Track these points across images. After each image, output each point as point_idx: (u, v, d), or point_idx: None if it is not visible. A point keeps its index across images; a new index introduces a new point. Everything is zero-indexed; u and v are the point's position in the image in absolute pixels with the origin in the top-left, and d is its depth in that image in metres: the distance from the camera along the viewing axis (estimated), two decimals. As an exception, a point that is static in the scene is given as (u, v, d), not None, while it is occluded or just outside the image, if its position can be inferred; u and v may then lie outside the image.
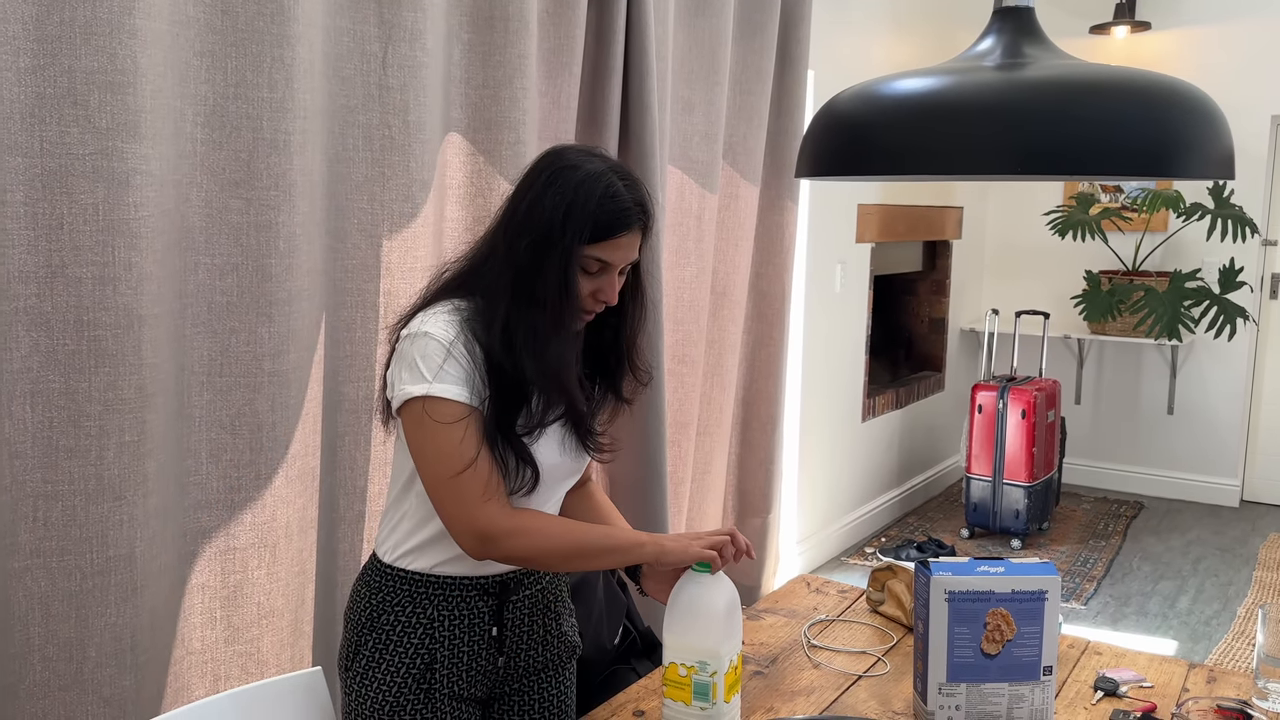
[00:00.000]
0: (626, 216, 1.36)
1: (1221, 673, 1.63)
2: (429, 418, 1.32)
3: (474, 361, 1.35)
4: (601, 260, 1.36)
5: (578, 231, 1.34)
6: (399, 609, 1.42)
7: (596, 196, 1.35)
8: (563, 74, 2.49)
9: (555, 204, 1.35)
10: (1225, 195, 4.76)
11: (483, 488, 1.32)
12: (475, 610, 1.44)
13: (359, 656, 1.43)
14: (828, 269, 4.14)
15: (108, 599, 1.72)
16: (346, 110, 2.05)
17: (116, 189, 1.64)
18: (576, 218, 1.34)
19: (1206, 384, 5.24)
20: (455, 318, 1.37)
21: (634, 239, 1.38)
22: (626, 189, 1.38)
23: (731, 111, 3.21)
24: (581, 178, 1.36)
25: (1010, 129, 1.02)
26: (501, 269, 1.37)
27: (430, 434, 1.32)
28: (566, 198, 1.35)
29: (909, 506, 5.11)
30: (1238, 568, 4.37)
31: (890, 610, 1.81)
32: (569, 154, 1.41)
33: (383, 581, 1.44)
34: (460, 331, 1.36)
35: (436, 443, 1.32)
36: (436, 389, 1.32)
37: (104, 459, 1.69)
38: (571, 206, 1.34)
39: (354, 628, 1.46)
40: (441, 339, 1.34)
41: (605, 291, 1.38)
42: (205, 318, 1.86)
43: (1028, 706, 1.42)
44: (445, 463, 1.31)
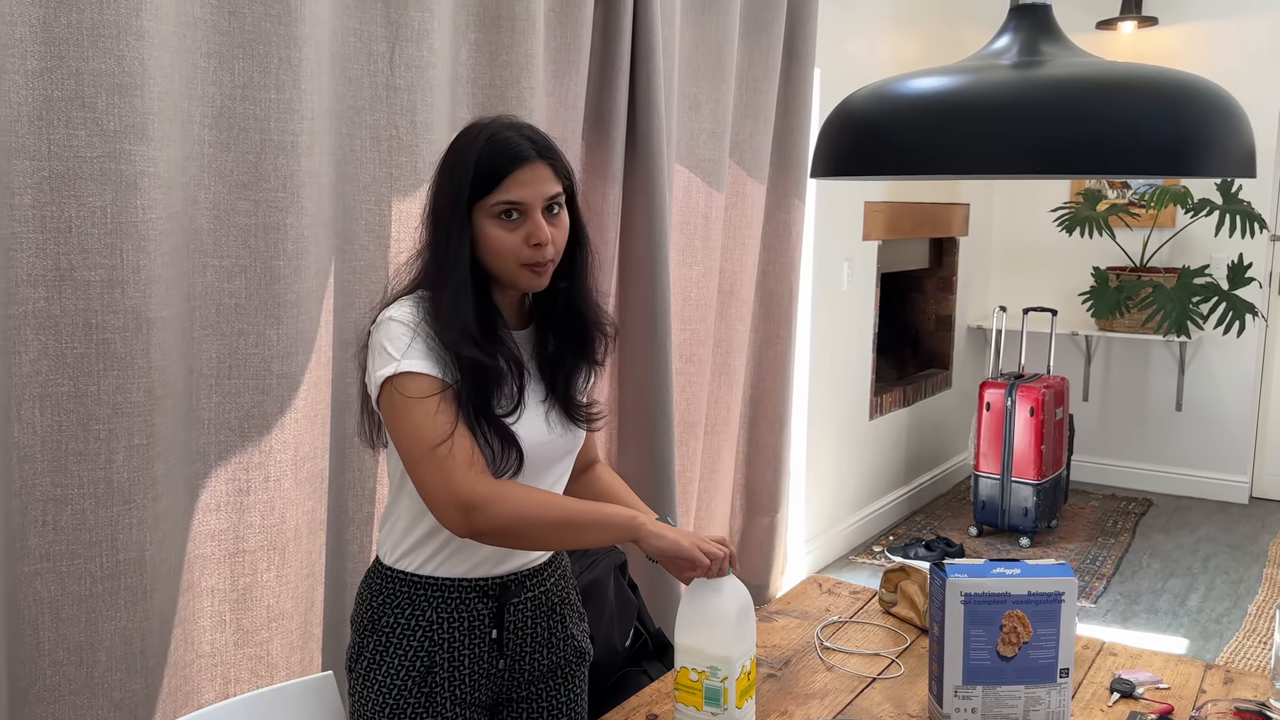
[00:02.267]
0: (513, 150, 1.33)
1: (1238, 673, 1.62)
2: (400, 394, 1.31)
3: (441, 344, 1.34)
4: (509, 202, 1.33)
5: (464, 186, 1.33)
6: (398, 611, 1.42)
7: (477, 147, 1.33)
8: (570, 73, 2.48)
9: (442, 172, 1.36)
10: (1234, 191, 4.74)
11: (462, 458, 1.29)
12: (475, 613, 1.42)
13: (361, 658, 1.43)
14: (835, 267, 4.13)
15: (117, 603, 1.71)
16: (354, 111, 2.04)
17: (125, 191, 1.64)
18: (460, 172, 1.33)
19: (1215, 380, 5.22)
20: (416, 306, 1.36)
21: (537, 171, 1.34)
22: (511, 130, 1.35)
23: (738, 110, 3.20)
24: (463, 139, 1.36)
25: (1029, 128, 1.01)
26: (425, 253, 1.39)
27: (405, 411, 1.30)
28: (450, 160, 1.36)
29: (917, 504, 5.10)
30: (1248, 565, 4.35)
31: (903, 611, 1.80)
32: (460, 131, 1.40)
33: (383, 584, 1.44)
34: (424, 318, 1.35)
35: (413, 418, 1.30)
36: (405, 365, 1.31)
37: (113, 462, 1.68)
38: (455, 167, 1.34)
39: (357, 630, 1.45)
40: (406, 320, 1.34)
41: (534, 233, 1.34)
42: (214, 320, 1.85)
43: (1044, 709, 1.41)
44: (421, 437, 1.29)
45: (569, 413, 1.45)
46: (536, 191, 1.34)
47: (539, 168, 1.34)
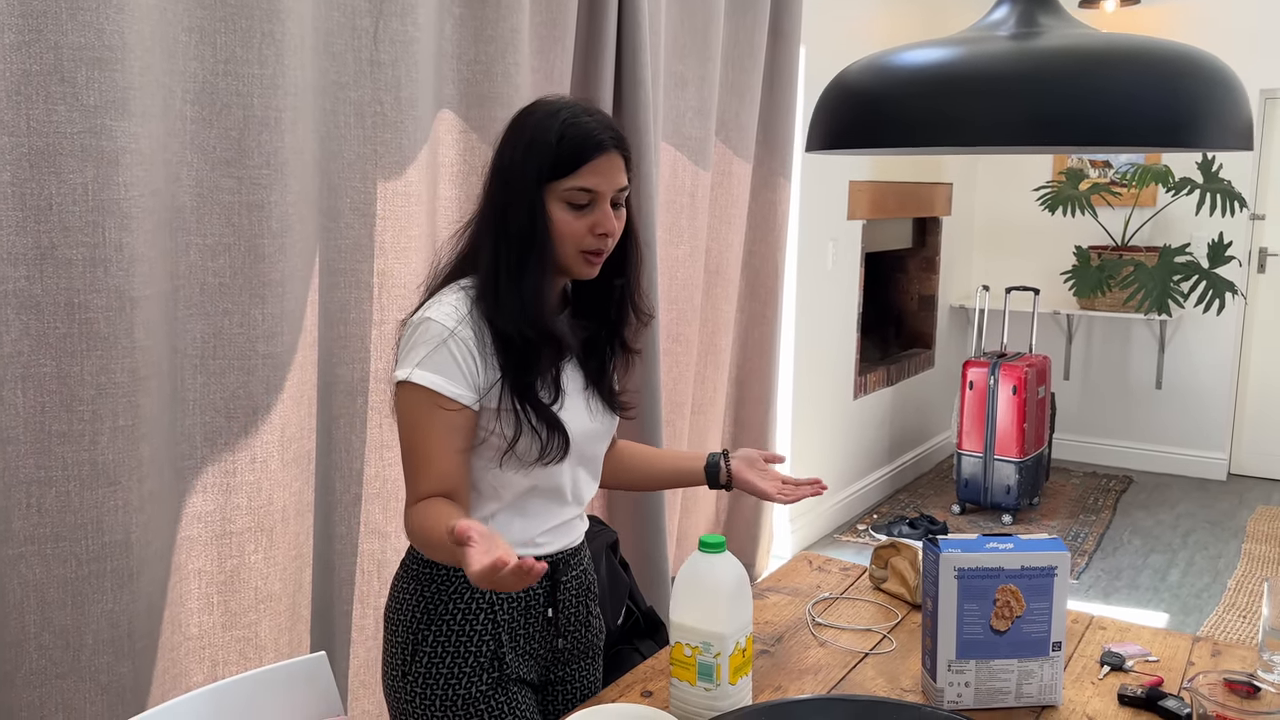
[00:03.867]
0: (594, 138, 1.31)
1: (1225, 646, 1.63)
2: (407, 401, 1.32)
3: (481, 343, 1.32)
4: (585, 189, 1.31)
5: (541, 166, 1.30)
6: (457, 598, 1.39)
7: (556, 127, 1.31)
8: (555, 48, 2.45)
9: (515, 146, 1.33)
10: (1214, 170, 4.76)
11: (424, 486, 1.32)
12: (531, 593, 1.44)
13: (419, 656, 1.39)
14: (820, 246, 4.13)
15: (104, 585, 1.70)
16: (338, 86, 2.01)
17: (106, 168, 1.61)
18: (538, 152, 1.30)
19: (1194, 358, 5.26)
20: (463, 297, 1.34)
21: (612, 162, 1.33)
22: (589, 115, 1.34)
23: (724, 87, 3.18)
24: (539, 116, 1.33)
25: (1029, 100, 1.00)
26: (484, 232, 1.36)
27: (407, 421, 1.32)
28: (525, 137, 1.32)
29: (900, 483, 5.13)
30: (1226, 540, 4.40)
31: (894, 587, 1.80)
32: (531, 103, 1.38)
33: (434, 573, 1.40)
34: (470, 311, 1.33)
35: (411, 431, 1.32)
36: (418, 375, 1.30)
37: (98, 444, 1.66)
38: (531, 144, 1.31)
39: (408, 628, 1.41)
40: (444, 322, 1.31)
41: (602, 223, 1.33)
42: (198, 299, 1.82)
43: (1037, 682, 1.41)
44: (411, 451, 1.33)
45: (608, 400, 1.45)
46: (610, 181, 1.33)
47: (615, 158, 1.33)
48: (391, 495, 2.19)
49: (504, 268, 1.32)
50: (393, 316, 2.13)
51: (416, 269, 2.15)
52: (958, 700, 1.40)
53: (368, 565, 2.18)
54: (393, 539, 2.20)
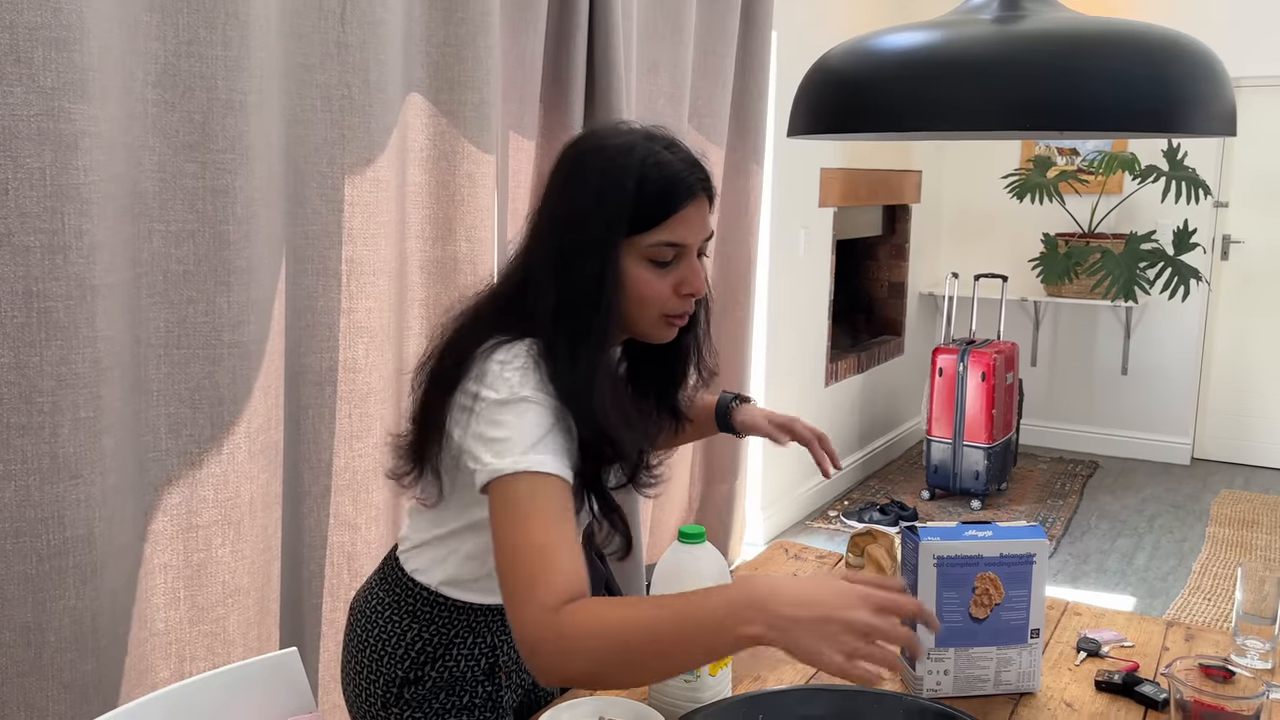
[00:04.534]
0: (685, 183, 1.12)
1: (1198, 630, 1.64)
2: (523, 494, 1.06)
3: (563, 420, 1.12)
4: (672, 244, 1.12)
5: (620, 216, 1.10)
6: (460, 640, 1.34)
7: (637, 169, 1.10)
8: (527, 32, 2.42)
9: (584, 189, 1.11)
10: (1179, 158, 4.81)
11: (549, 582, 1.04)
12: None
13: (411, 690, 1.33)
14: (791, 234, 4.12)
15: (66, 581, 1.65)
16: (304, 69, 1.97)
17: (64, 152, 1.56)
18: (614, 199, 1.10)
19: (1160, 344, 5.32)
20: (531, 365, 1.12)
21: (701, 208, 1.14)
22: (670, 150, 1.13)
23: (697, 73, 3.16)
24: (611, 153, 1.12)
25: (1014, 84, 0.99)
26: (541, 292, 1.13)
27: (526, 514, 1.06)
28: (594, 179, 1.11)
29: (871, 469, 5.15)
30: (1191, 524, 4.46)
31: (869, 575, 1.80)
32: (592, 135, 1.17)
33: (435, 613, 1.33)
34: (544, 385, 1.12)
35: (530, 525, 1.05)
36: (544, 462, 1.07)
37: (58, 436, 1.61)
38: (606, 188, 1.10)
39: (400, 663, 1.33)
40: (543, 404, 1.10)
41: (690, 281, 1.14)
42: (161, 287, 1.78)
43: (1015, 669, 1.41)
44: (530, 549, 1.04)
45: (637, 477, 1.23)
46: (698, 232, 1.14)
47: (703, 204, 1.14)
48: (361, 487, 2.15)
49: (570, 336, 1.12)
50: (362, 304, 2.09)
51: (385, 256, 2.11)
52: (937, 688, 1.40)
53: (337, 558, 2.15)
54: (362, 531, 2.16)
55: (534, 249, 1.17)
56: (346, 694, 1.41)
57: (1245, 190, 5.12)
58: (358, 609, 1.41)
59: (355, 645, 1.39)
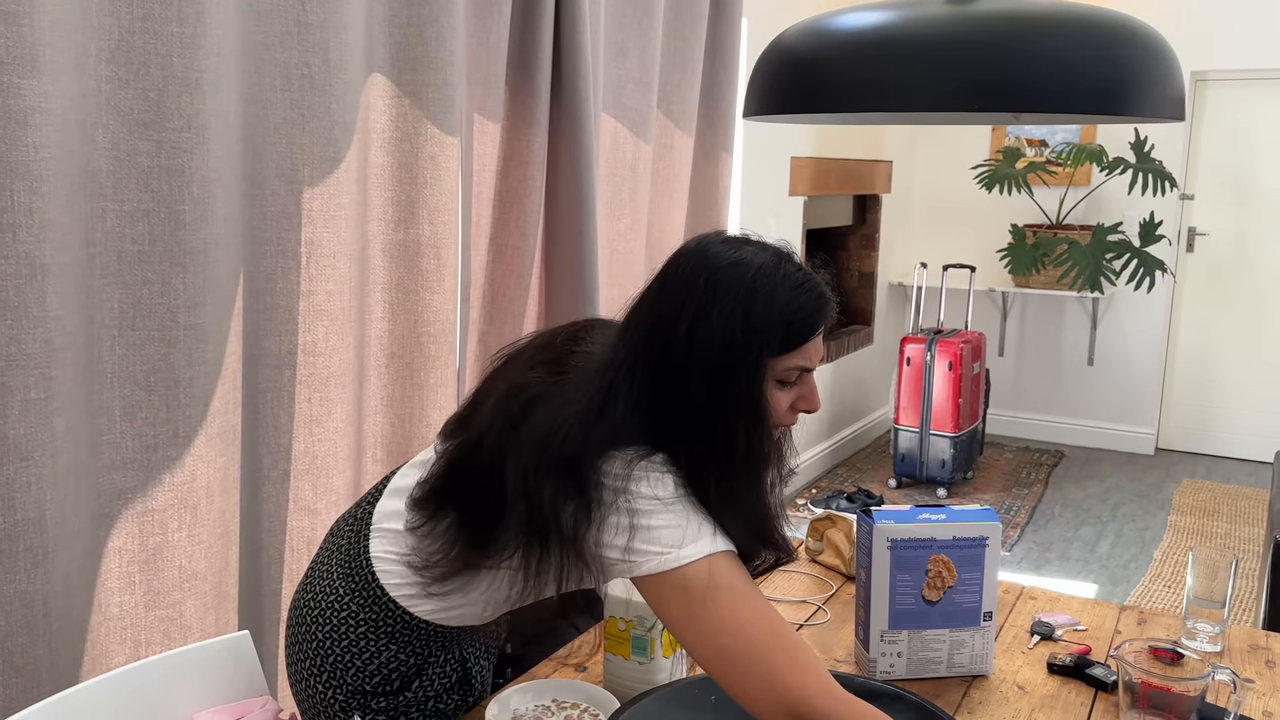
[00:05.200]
0: (821, 307, 1.12)
1: (1151, 614, 1.66)
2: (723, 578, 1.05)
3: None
4: (802, 367, 1.13)
5: (766, 344, 1.09)
6: (435, 659, 1.34)
7: (782, 296, 1.09)
8: (491, 13, 2.40)
9: (729, 316, 1.08)
10: (1146, 150, 4.85)
11: (806, 660, 1.04)
12: (492, 635, 1.43)
13: (405, 691, 1.33)
14: (761, 222, 4.12)
15: (16, 564, 1.63)
16: (263, 47, 1.94)
17: (13, 128, 1.53)
18: (762, 329, 1.08)
19: (1125, 335, 5.38)
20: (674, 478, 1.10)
21: (822, 330, 1.15)
22: (801, 271, 1.13)
23: (666, 58, 3.15)
24: (753, 277, 1.10)
25: (965, 65, 0.99)
26: (668, 411, 1.10)
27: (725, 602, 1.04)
28: (743, 306, 1.09)
29: (839, 458, 5.17)
30: (1153, 513, 4.51)
31: (829, 559, 1.81)
32: (717, 250, 1.13)
33: (414, 635, 1.31)
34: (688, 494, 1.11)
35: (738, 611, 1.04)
36: (721, 543, 1.07)
37: (8, 417, 1.59)
38: (751, 316, 1.08)
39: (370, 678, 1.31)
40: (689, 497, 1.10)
41: (809, 399, 1.15)
42: (115, 267, 1.75)
43: (968, 652, 1.42)
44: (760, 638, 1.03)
45: None
46: (819, 352, 1.16)
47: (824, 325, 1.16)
48: (321, 472, 2.14)
49: (724, 465, 1.10)
50: (322, 287, 2.07)
51: (345, 238, 2.09)
52: (890, 670, 1.41)
53: (297, 543, 2.13)
54: (322, 516, 2.15)
55: (654, 363, 1.12)
56: (296, 689, 1.39)
57: (1211, 183, 5.17)
58: (318, 611, 1.36)
59: (314, 649, 1.35)
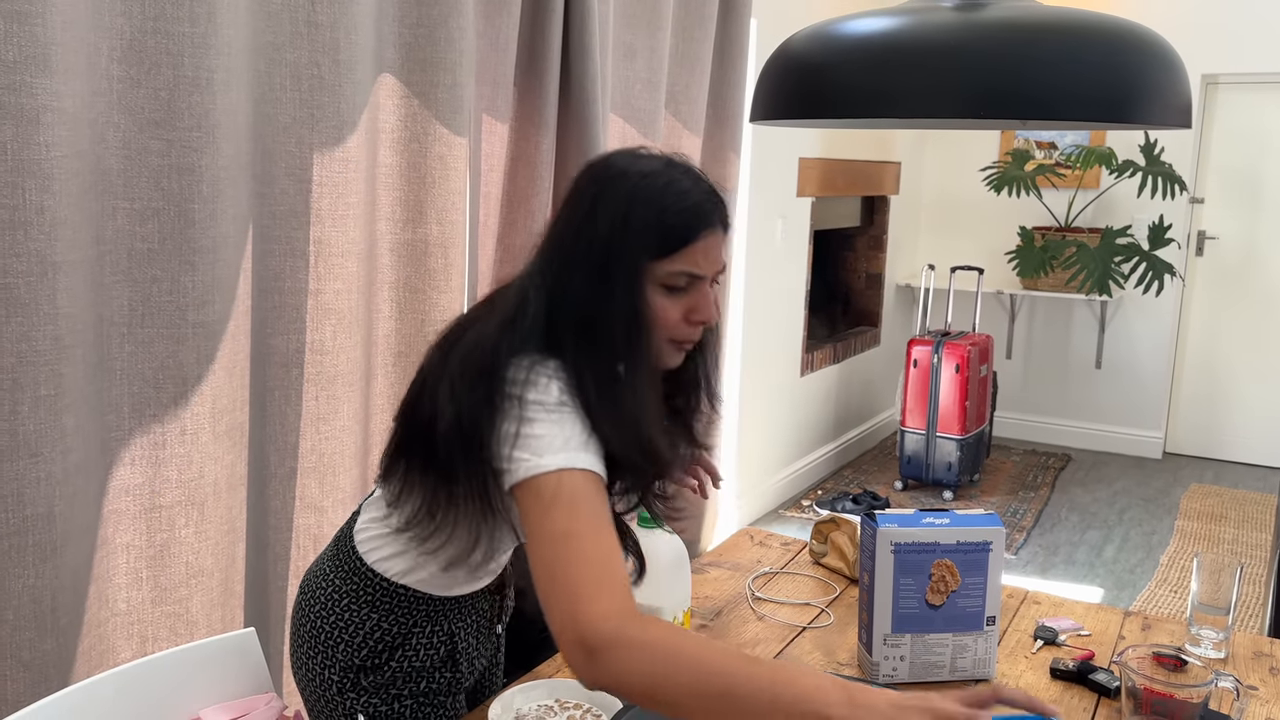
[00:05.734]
0: (705, 214, 1.15)
1: (1155, 620, 1.66)
2: (568, 492, 1.06)
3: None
4: (688, 273, 1.15)
5: (644, 246, 1.13)
6: (419, 629, 1.34)
7: (658, 198, 1.13)
8: (500, 14, 2.40)
9: (609, 220, 1.13)
10: (1156, 153, 4.84)
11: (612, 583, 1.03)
12: (481, 612, 1.41)
13: (368, 677, 1.33)
14: (768, 223, 4.12)
15: (25, 560, 1.64)
16: (273, 47, 1.95)
17: (26, 127, 1.54)
18: (640, 225, 1.13)
19: (1134, 339, 5.36)
20: (565, 383, 1.13)
21: (717, 238, 1.17)
22: (689, 178, 1.16)
23: (674, 59, 3.15)
24: (636, 181, 1.14)
25: (971, 72, 0.99)
26: (570, 315, 1.14)
27: (570, 513, 1.05)
28: (621, 205, 1.13)
29: (845, 460, 5.17)
30: (1160, 517, 4.50)
31: (833, 562, 1.81)
32: (614, 160, 1.18)
33: (395, 603, 1.32)
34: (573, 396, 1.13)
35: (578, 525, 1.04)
36: (584, 460, 1.08)
37: (18, 414, 1.60)
38: (629, 217, 1.13)
39: (357, 651, 1.33)
40: (580, 417, 1.11)
41: (701, 309, 1.17)
42: (125, 265, 1.76)
43: (971, 656, 1.42)
44: (582, 550, 1.03)
45: (649, 507, 1.26)
46: (713, 263, 1.17)
47: (719, 235, 1.18)
48: (328, 469, 2.15)
49: (603, 368, 1.13)
50: (330, 286, 2.08)
51: (354, 237, 2.10)
52: (893, 674, 1.41)
53: (303, 540, 2.14)
54: (329, 514, 2.16)
55: (553, 271, 1.17)
56: (298, 676, 1.40)
57: (1221, 187, 5.16)
58: (310, 593, 1.39)
59: (309, 630, 1.37)
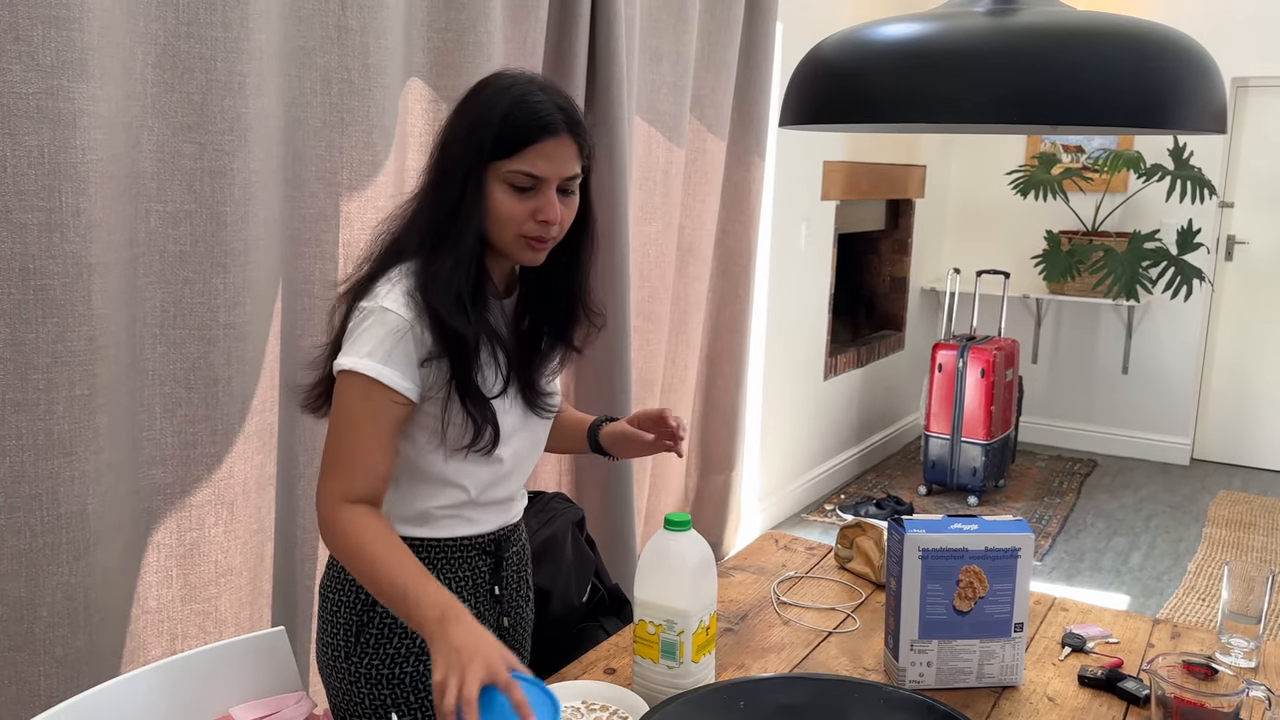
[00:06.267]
0: (544, 119, 1.24)
1: (1184, 628, 1.65)
2: (355, 392, 1.25)
3: (431, 333, 1.26)
4: (528, 174, 1.25)
5: (483, 145, 1.24)
6: None
7: (504, 104, 1.24)
8: (528, 19, 2.42)
9: (460, 124, 1.27)
10: (1185, 157, 4.79)
11: (358, 479, 1.25)
12: (477, 570, 1.42)
13: (364, 636, 1.37)
14: (793, 226, 4.12)
15: (59, 557, 1.66)
16: (304, 52, 1.97)
17: (63, 131, 1.56)
18: (480, 131, 1.24)
19: (1161, 344, 5.31)
20: (415, 284, 1.27)
21: (561, 147, 1.26)
22: (543, 93, 1.26)
23: (699, 63, 3.15)
24: (491, 92, 1.26)
25: (1003, 77, 0.99)
26: (421, 209, 1.30)
27: (351, 410, 1.25)
28: (471, 115, 1.26)
29: (868, 464, 5.15)
30: (1188, 524, 4.46)
31: (858, 567, 1.81)
32: (483, 80, 1.31)
33: None
34: (415, 296, 1.26)
35: (351, 421, 1.25)
36: (367, 366, 1.24)
37: (53, 413, 1.62)
38: (476, 121, 1.25)
39: (351, 608, 1.37)
40: (402, 314, 1.25)
41: (545, 210, 1.26)
42: (158, 267, 1.79)
43: (998, 663, 1.42)
44: (342, 440, 1.25)
45: (527, 397, 1.37)
46: (557, 168, 1.26)
47: (565, 143, 1.26)
48: (356, 469, 2.16)
49: (435, 247, 1.27)
50: (359, 288, 2.09)
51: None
52: (919, 680, 1.41)
53: (331, 540, 2.16)
54: (357, 513, 2.17)
55: (422, 178, 1.32)
56: (319, 660, 1.44)
57: (1251, 191, 5.11)
58: (328, 567, 1.45)
59: (320, 606, 1.43)
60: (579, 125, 1.29)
